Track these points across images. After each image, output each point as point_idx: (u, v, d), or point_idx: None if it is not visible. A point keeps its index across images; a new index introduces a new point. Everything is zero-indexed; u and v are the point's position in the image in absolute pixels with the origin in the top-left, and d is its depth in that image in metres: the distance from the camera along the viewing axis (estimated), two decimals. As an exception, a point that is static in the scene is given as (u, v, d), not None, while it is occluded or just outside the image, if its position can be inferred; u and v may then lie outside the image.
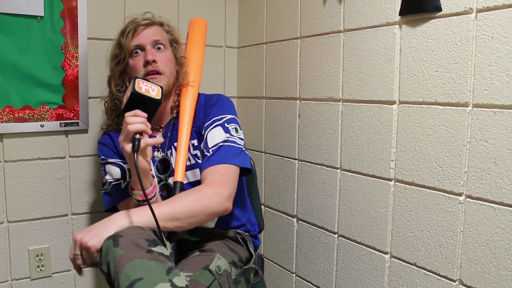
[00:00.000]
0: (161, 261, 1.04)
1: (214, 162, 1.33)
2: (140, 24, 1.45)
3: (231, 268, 1.30)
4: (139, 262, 1.01)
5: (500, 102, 1.06)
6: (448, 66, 1.17)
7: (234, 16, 2.07)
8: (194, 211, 1.22)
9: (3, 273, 1.61)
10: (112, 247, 1.04)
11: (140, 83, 1.21)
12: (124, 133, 1.19)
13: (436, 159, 1.21)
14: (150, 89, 1.23)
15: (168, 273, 1.03)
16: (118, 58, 1.45)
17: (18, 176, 1.61)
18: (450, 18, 1.16)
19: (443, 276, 1.20)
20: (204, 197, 1.24)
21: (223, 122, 1.42)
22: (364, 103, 1.42)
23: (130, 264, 1.01)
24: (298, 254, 1.76)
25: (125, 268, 1.00)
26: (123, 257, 1.02)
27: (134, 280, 0.98)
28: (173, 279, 1.02)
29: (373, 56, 1.37)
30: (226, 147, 1.36)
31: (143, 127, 1.19)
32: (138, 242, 1.05)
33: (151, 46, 1.44)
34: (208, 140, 1.38)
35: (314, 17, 1.60)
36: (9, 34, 1.52)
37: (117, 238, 1.06)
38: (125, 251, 1.03)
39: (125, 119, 1.19)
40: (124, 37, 1.44)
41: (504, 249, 1.06)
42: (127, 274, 1.00)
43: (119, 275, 1.00)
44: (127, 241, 1.05)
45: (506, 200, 1.06)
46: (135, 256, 1.02)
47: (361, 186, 1.44)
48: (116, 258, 1.02)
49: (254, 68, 1.98)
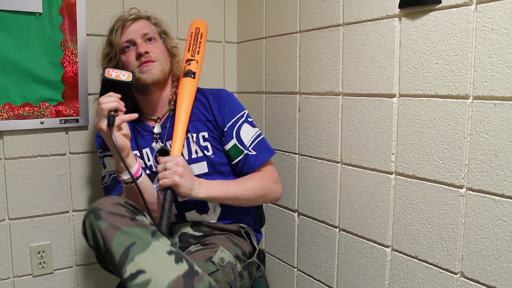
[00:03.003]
0: (145, 226, 1.11)
1: (264, 157, 1.49)
2: (127, 20, 1.47)
3: (236, 261, 1.31)
4: (126, 229, 1.07)
5: (500, 94, 1.06)
6: (448, 59, 1.17)
7: (233, 11, 2.06)
8: (254, 196, 1.45)
9: (5, 270, 1.62)
10: (95, 221, 1.09)
11: (110, 71, 1.31)
12: (98, 113, 1.25)
13: (436, 151, 1.21)
14: (120, 75, 1.32)
15: (154, 235, 1.09)
16: (110, 56, 1.46)
17: (19, 173, 1.61)
18: (449, 10, 1.16)
19: (445, 268, 1.21)
20: (264, 186, 1.46)
21: (246, 118, 1.51)
22: (364, 97, 1.42)
23: (119, 233, 1.06)
24: (300, 249, 1.76)
25: (115, 237, 1.06)
26: (110, 228, 1.07)
27: (129, 245, 1.04)
28: (160, 239, 1.09)
29: (373, 49, 1.37)
30: (262, 141, 1.51)
31: (116, 104, 1.26)
32: (120, 212, 1.11)
33: (142, 39, 1.45)
34: (242, 137, 1.48)
35: (313, 11, 1.60)
36: (8, 31, 1.52)
37: (97, 211, 1.11)
38: (109, 222, 1.08)
39: (99, 101, 1.26)
40: (113, 35, 1.45)
41: (505, 241, 1.06)
42: (119, 241, 1.05)
43: (111, 245, 1.06)
44: (107, 214, 1.10)
45: (507, 192, 1.06)
46: (121, 225, 1.07)
47: (362, 179, 1.44)
48: (102, 230, 1.08)
49: (253, 63, 1.97)
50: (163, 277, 1.02)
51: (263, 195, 1.47)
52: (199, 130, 1.48)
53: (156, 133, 1.48)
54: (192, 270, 1.07)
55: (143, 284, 1.01)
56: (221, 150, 1.48)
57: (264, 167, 1.50)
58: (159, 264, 1.04)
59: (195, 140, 1.47)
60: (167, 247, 1.08)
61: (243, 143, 1.47)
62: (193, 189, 1.32)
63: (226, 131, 1.47)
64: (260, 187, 1.45)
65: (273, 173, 1.51)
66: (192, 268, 1.07)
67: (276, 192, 1.50)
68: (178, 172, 1.29)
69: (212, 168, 1.46)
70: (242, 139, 1.47)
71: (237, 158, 1.47)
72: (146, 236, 1.08)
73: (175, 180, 1.28)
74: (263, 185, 1.46)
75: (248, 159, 1.47)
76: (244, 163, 1.47)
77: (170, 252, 1.07)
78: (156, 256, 1.05)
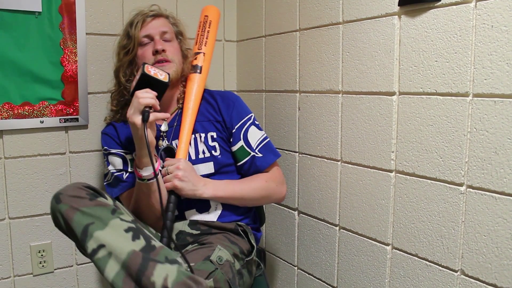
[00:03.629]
0: (104, 205, 1.13)
1: (270, 160, 1.52)
2: (148, 15, 1.50)
3: (234, 259, 1.31)
4: (85, 209, 1.10)
5: (500, 91, 1.06)
6: (448, 56, 1.16)
7: (232, 9, 2.06)
8: (259, 196, 1.49)
9: (6, 270, 1.62)
10: (56, 205, 1.13)
11: (149, 67, 1.33)
12: (135, 106, 1.27)
13: (436, 149, 1.21)
14: (158, 73, 1.33)
15: (114, 213, 1.12)
16: (127, 48, 1.48)
17: (19, 173, 1.61)
18: (449, 7, 1.15)
19: (445, 266, 1.21)
20: (269, 187, 1.50)
21: (253, 121, 1.54)
22: (364, 95, 1.42)
23: (77, 213, 1.10)
24: (300, 247, 1.76)
25: (75, 217, 1.10)
26: (69, 210, 1.11)
27: (87, 224, 1.08)
28: (120, 216, 1.12)
29: (373, 47, 1.37)
30: (268, 143, 1.54)
31: (154, 101, 1.29)
32: (79, 194, 1.14)
33: (159, 37, 1.48)
34: (249, 139, 1.51)
35: (313, 9, 1.60)
36: (7, 30, 1.52)
37: (58, 196, 1.14)
38: (69, 205, 1.11)
39: (137, 94, 1.28)
40: (132, 28, 1.47)
41: (506, 239, 1.06)
42: (77, 221, 1.09)
43: (71, 225, 1.10)
44: (67, 197, 1.13)
45: (507, 189, 1.06)
46: (79, 206, 1.11)
47: (362, 178, 1.44)
48: (63, 212, 1.11)
49: (253, 62, 1.97)
50: (123, 248, 1.06)
51: (267, 196, 1.51)
52: (207, 130, 1.49)
53: (163, 131, 1.49)
54: (149, 246, 1.09)
55: (105, 257, 1.06)
56: (228, 151, 1.51)
57: (270, 169, 1.53)
58: (117, 238, 1.08)
59: (203, 140, 1.48)
60: (125, 224, 1.11)
61: (250, 145, 1.50)
62: (197, 189, 1.36)
63: (234, 133, 1.50)
64: (265, 188, 1.49)
65: (279, 174, 1.55)
66: (149, 244, 1.10)
67: (281, 193, 1.54)
68: (178, 176, 1.34)
69: (218, 168, 1.48)
70: (249, 141, 1.50)
71: (244, 159, 1.50)
72: (105, 214, 1.11)
73: (175, 184, 1.33)
74: (268, 185, 1.49)
75: (255, 161, 1.50)
76: (250, 164, 1.50)
77: (128, 229, 1.10)
78: (114, 232, 1.09)
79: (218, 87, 2.04)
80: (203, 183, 1.38)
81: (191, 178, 1.36)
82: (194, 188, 1.36)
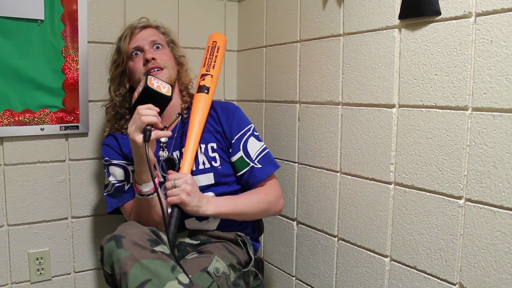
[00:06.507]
0: (165, 260, 1.09)
1: (269, 170, 1.52)
2: (136, 27, 1.51)
3: (230, 270, 1.31)
4: (145, 262, 1.06)
5: (499, 105, 1.06)
6: (447, 70, 1.17)
7: (234, 19, 2.08)
8: (259, 210, 1.48)
9: (3, 277, 1.61)
10: (116, 249, 1.08)
11: (152, 79, 1.28)
12: (136, 123, 1.24)
13: (435, 162, 1.21)
14: (161, 86, 1.29)
15: (173, 270, 1.08)
16: (117, 62, 1.49)
17: (18, 180, 1.61)
18: (449, 22, 1.16)
19: (443, 279, 1.20)
20: (268, 201, 1.49)
21: (252, 132, 1.55)
22: (363, 107, 1.42)
23: (137, 265, 1.05)
24: (298, 258, 1.76)
25: (133, 269, 1.05)
26: (129, 258, 1.06)
27: (144, 281, 1.03)
28: (178, 276, 1.07)
29: (373, 59, 1.38)
30: (267, 155, 1.54)
31: (156, 119, 1.26)
32: (141, 243, 1.09)
33: (149, 46, 1.48)
34: (248, 150, 1.51)
35: (313, 20, 1.61)
36: (9, 38, 1.53)
37: (120, 238, 1.09)
38: (130, 252, 1.07)
39: (138, 110, 1.25)
40: (121, 42, 1.48)
41: (504, 253, 1.06)
42: (135, 275, 1.04)
43: (128, 276, 1.04)
44: (130, 242, 1.09)
45: (505, 203, 1.06)
46: (141, 257, 1.06)
47: (361, 189, 1.44)
48: (121, 259, 1.06)
49: (254, 72, 1.98)
50: None
51: (267, 209, 1.51)
52: (208, 141, 1.49)
53: (163, 142, 1.48)
54: None
55: None
56: (228, 161, 1.51)
57: (268, 180, 1.53)
58: None
59: (203, 151, 1.48)
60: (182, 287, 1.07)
61: (249, 155, 1.50)
62: (201, 206, 1.33)
63: (234, 143, 1.50)
64: (264, 202, 1.49)
65: (277, 188, 1.55)
66: None
67: (279, 206, 1.54)
68: (186, 190, 1.30)
69: (218, 179, 1.47)
70: (248, 152, 1.50)
71: (243, 170, 1.50)
72: (164, 272, 1.06)
73: (182, 198, 1.29)
74: (268, 199, 1.49)
75: (254, 172, 1.49)
76: (249, 175, 1.49)
77: None
78: None
79: (218, 96, 2.05)
80: (206, 200, 1.37)
81: (197, 194, 1.34)
82: (199, 204, 1.33)
